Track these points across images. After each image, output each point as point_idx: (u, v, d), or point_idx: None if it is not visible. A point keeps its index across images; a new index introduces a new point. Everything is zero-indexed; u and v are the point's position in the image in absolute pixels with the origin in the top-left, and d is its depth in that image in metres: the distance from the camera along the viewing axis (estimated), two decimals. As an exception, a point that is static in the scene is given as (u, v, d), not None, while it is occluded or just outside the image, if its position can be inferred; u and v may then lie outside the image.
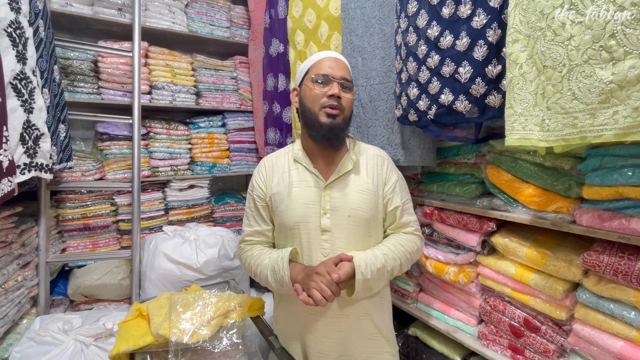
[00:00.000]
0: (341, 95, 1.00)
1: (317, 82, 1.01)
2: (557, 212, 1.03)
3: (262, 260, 1.01)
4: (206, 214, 2.28)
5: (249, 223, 1.10)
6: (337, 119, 0.99)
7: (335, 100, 0.99)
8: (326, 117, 0.99)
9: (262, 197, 1.08)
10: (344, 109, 1.01)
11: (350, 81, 1.04)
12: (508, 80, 0.92)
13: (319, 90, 1.00)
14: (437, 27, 1.08)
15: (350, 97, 1.04)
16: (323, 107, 0.99)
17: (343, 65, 1.05)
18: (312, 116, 1.01)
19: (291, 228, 1.01)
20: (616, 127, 0.73)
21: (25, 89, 1.17)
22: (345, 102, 1.01)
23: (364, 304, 1.03)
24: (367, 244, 1.03)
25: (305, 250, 1.00)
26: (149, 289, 1.72)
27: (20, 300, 1.41)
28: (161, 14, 2.04)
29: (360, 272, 0.91)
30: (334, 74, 1.01)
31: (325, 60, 1.04)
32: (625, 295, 0.89)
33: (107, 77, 1.88)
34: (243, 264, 1.10)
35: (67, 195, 1.83)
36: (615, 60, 0.71)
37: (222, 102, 2.28)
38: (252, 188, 1.10)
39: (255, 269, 1.03)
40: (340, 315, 1.01)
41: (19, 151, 1.16)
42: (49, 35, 1.44)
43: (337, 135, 1.01)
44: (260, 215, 1.08)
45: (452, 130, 1.27)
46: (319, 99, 1.00)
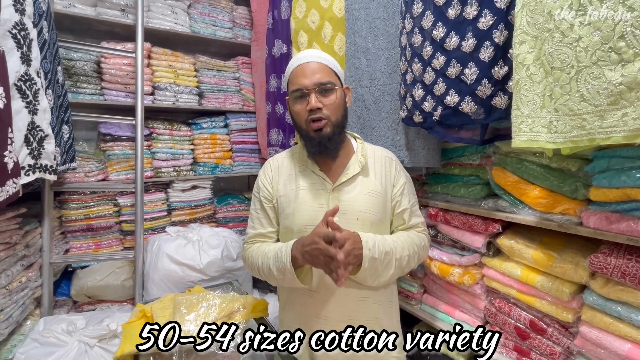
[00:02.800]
0: (320, 104, 0.94)
1: (296, 99, 0.97)
2: (564, 213, 1.03)
3: (265, 251, 0.99)
4: (209, 214, 2.27)
5: (254, 225, 1.08)
6: (324, 130, 0.95)
7: (315, 113, 0.94)
8: (314, 132, 0.96)
9: (269, 198, 1.06)
10: (330, 115, 0.96)
11: (328, 82, 0.95)
12: (515, 81, 0.91)
13: (299, 108, 0.97)
14: (443, 28, 1.08)
15: (334, 98, 0.96)
16: (309, 122, 0.96)
17: (317, 68, 0.96)
18: (302, 132, 1.00)
19: (298, 232, 0.99)
20: (625, 129, 0.72)
21: (30, 90, 1.17)
22: (328, 108, 0.95)
23: (374, 309, 1.00)
24: None
25: None
26: (152, 289, 1.72)
27: (24, 302, 1.41)
28: (164, 14, 2.04)
29: (367, 248, 0.88)
30: (307, 84, 0.94)
31: (297, 69, 0.98)
32: (633, 297, 0.89)
33: (110, 78, 1.88)
34: (246, 261, 1.08)
35: (70, 196, 1.83)
36: (624, 62, 0.71)
37: (224, 103, 2.28)
38: (258, 189, 1.08)
39: (257, 260, 1.00)
40: (349, 319, 0.98)
41: (23, 152, 1.16)
42: (52, 36, 1.44)
43: (327, 147, 0.97)
44: (267, 217, 1.06)
45: (457, 131, 1.26)
46: (302, 116, 0.97)
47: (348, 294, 0.98)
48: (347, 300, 0.98)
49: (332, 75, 0.99)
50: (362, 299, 0.99)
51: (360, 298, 0.99)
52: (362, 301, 0.99)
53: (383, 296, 1.03)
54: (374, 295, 1.00)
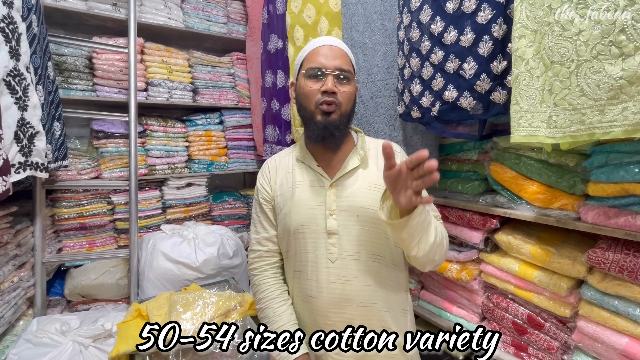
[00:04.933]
0: (336, 89, 0.89)
1: (310, 77, 0.91)
2: (562, 209, 1.03)
3: (268, 319, 0.94)
4: (204, 212, 2.25)
5: (256, 230, 1.03)
6: (332, 115, 0.89)
7: (330, 96, 0.88)
8: (321, 115, 0.90)
9: (268, 199, 1.01)
10: (341, 104, 0.90)
11: (348, 71, 0.91)
12: (514, 76, 0.91)
13: (312, 87, 0.90)
14: (441, 22, 1.07)
15: (349, 89, 0.91)
16: (318, 104, 0.89)
17: (340, 53, 0.93)
18: (307, 114, 0.93)
19: (295, 232, 0.93)
20: (625, 124, 0.72)
21: (19, 86, 1.14)
22: (342, 95, 0.90)
23: (381, 316, 0.90)
24: (382, 246, 0.91)
25: (311, 256, 0.92)
26: (148, 288, 1.70)
27: (16, 302, 1.38)
28: (157, 9, 2.00)
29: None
30: (328, 65, 0.89)
31: (320, 49, 0.92)
32: (630, 292, 0.89)
33: (102, 73, 1.84)
34: (251, 287, 1.03)
35: (62, 194, 1.80)
36: (625, 56, 0.70)
37: (219, 99, 2.25)
38: (258, 192, 1.04)
39: (259, 312, 0.98)
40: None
41: (13, 150, 1.13)
42: (42, 30, 1.40)
43: (332, 134, 0.91)
44: (268, 219, 1.01)
45: (455, 126, 1.26)
46: (313, 96, 0.90)
47: (351, 299, 0.88)
48: (350, 305, 0.88)
49: (351, 67, 0.95)
50: (367, 304, 0.89)
51: (364, 303, 0.88)
52: (367, 307, 0.89)
53: (394, 302, 0.92)
54: (383, 301, 0.90)
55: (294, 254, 0.96)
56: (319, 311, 0.90)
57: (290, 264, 0.98)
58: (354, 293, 0.88)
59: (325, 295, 0.89)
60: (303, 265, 0.93)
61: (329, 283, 0.89)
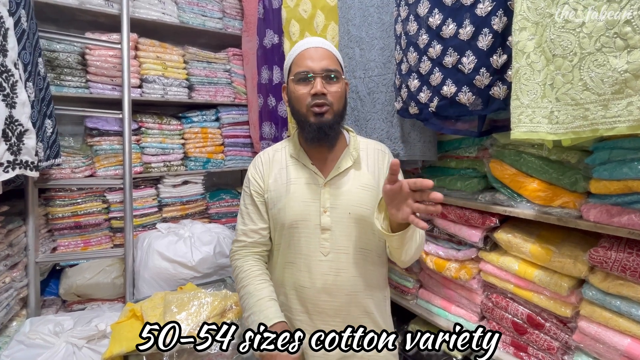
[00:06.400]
0: (325, 90, 0.92)
1: (299, 81, 0.94)
2: (563, 207, 1.00)
3: (248, 294, 0.96)
4: (201, 210, 2.23)
5: (244, 221, 1.05)
6: (325, 116, 0.93)
7: (319, 98, 0.92)
8: (314, 117, 0.93)
9: (259, 192, 1.03)
10: (333, 104, 0.94)
11: (336, 70, 0.95)
12: (514, 70, 0.88)
13: (302, 91, 0.94)
14: (439, 15, 1.04)
15: (338, 88, 0.95)
16: (310, 107, 0.93)
17: (326, 54, 0.95)
18: (300, 117, 0.96)
19: (289, 227, 0.97)
20: (630, 119, 0.69)
21: (7, 83, 1.11)
22: (332, 95, 0.93)
23: (366, 303, 0.98)
24: (369, 241, 0.99)
25: (304, 249, 0.96)
26: (143, 287, 1.68)
27: (8, 303, 1.36)
28: (150, 4, 1.97)
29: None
30: (315, 68, 0.93)
31: (305, 52, 0.95)
32: (633, 292, 0.87)
33: (95, 70, 1.81)
34: (233, 271, 1.05)
35: (56, 193, 1.78)
36: (630, 48, 0.67)
37: (215, 96, 2.22)
38: (249, 183, 1.05)
39: (239, 286, 1.00)
40: (339, 314, 0.97)
41: (1, 148, 1.10)
42: (32, 26, 1.37)
43: (326, 135, 0.95)
44: (258, 212, 1.03)
45: (454, 123, 1.23)
46: (304, 99, 0.94)
47: (341, 288, 0.96)
48: (339, 294, 0.96)
49: (338, 65, 0.98)
50: (354, 292, 0.97)
51: (352, 292, 0.97)
52: (354, 295, 0.97)
53: (376, 289, 1.02)
54: (367, 289, 0.99)
55: (286, 246, 1.00)
56: (310, 299, 0.96)
57: (281, 256, 1.02)
58: (344, 283, 0.96)
59: (317, 286, 0.95)
60: (296, 257, 0.98)
61: (321, 275, 0.95)
